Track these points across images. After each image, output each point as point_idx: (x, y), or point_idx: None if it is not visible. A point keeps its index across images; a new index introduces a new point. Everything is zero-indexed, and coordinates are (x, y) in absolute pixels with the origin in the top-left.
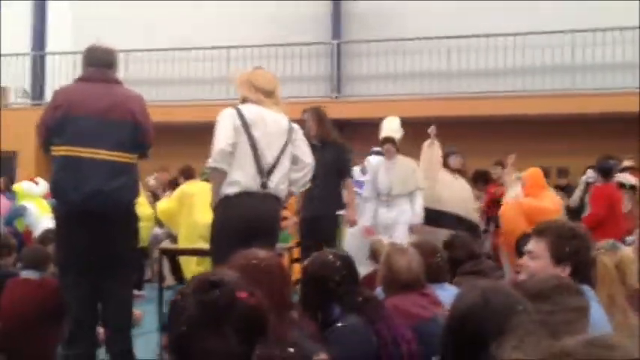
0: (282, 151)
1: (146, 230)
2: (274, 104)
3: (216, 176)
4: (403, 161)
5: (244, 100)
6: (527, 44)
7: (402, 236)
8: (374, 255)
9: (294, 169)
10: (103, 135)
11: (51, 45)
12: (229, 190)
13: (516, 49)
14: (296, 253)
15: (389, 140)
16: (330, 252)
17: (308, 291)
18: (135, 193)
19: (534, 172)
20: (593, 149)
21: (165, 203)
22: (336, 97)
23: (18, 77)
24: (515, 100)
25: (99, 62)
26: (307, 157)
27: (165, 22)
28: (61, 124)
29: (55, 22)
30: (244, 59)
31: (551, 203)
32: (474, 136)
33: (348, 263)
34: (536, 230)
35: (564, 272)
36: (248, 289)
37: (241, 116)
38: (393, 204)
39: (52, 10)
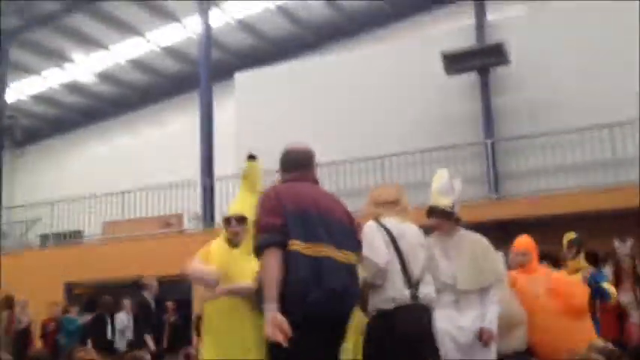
0: (426, 262)
1: None
2: (397, 213)
3: (370, 289)
4: (468, 238)
5: (375, 216)
6: None
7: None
8: None
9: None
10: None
11: (217, 171)
12: (385, 305)
13: None
14: None
15: (434, 212)
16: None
17: None
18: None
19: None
20: None
21: None
22: (496, 198)
23: (190, 203)
24: None
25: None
26: None
27: (323, 137)
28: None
29: (220, 150)
30: (398, 167)
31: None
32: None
33: None
34: None
35: None
36: None
37: (388, 231)
38: (463, 305)
39: (218, 138)
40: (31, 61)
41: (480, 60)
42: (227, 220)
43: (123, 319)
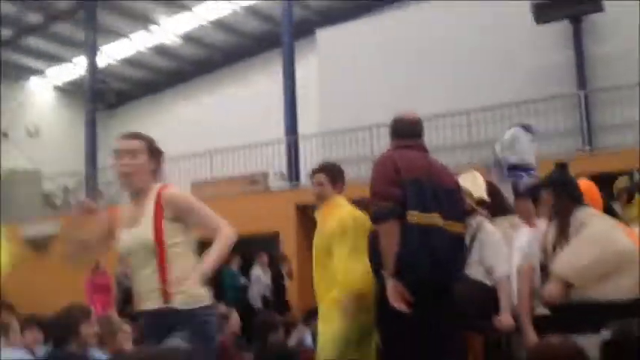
0: None
1: None
2: None
3: None
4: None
5: None
6: None
7: None
8: None
9: None
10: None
11: (301, 129)
12: None
13: None
14: None
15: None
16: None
17: None
18: None
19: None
20: None
21: None
22: (590, 150)
23: (276, 162)
24: None
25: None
26: None
27: (406, 92)
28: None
29: (303, 109)
30: (486, 121)
31: None
32: None
33: None
34: None
35: None
36: None
37: None
38: None
39: (301, 96)
40: (119, 24)
41: (572, 8)
42: None
43: (258, 273)
